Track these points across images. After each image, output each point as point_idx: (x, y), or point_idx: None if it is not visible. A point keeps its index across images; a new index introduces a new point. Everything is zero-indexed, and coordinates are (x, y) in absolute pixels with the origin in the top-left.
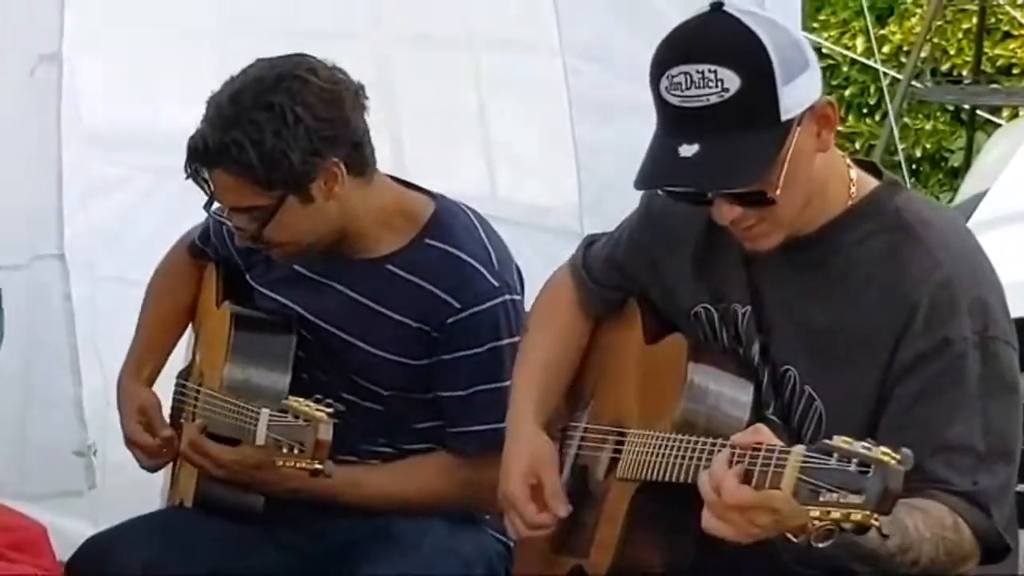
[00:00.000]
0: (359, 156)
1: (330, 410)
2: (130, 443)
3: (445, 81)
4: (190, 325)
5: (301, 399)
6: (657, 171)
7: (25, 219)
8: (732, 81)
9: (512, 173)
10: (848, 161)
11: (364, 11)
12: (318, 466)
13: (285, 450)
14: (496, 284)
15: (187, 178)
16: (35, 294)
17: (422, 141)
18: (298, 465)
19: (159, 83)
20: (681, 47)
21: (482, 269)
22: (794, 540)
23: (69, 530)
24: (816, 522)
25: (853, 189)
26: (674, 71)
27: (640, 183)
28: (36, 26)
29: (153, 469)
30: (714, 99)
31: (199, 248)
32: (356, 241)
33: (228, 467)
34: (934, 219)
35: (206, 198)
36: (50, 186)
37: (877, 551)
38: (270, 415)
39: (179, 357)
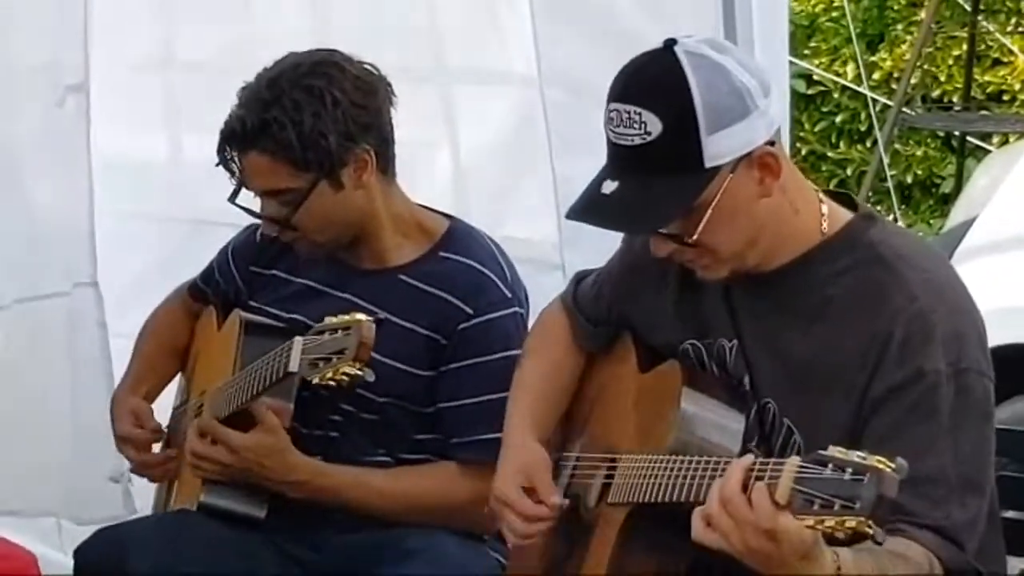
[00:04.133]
0: (387, 150)
1: (369, 317)
2: (121, 441)
3: (417, 113)
4: (179, 374)
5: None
6: (580, 204)
7: (62, 248)
8: (655, 125)
9: (489, 205)
10: (821, 195)
11: (341, 45)
12: (358, 371)
13: (322, 364)
14: (509, 295)
15: (217, 165)
16: (75, 322)
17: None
18: (339, 373)
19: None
20: (620, 84)
21: (496, 280)
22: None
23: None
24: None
25: (825, 224)
26: (612, 107)
27: (567, 213)
28: (62, 57)
29: (143, 470)
30: (637, 140)
31: (200, 289)
32: (371, 246)
33: (239, 452)
34: (910, 252)
35: (226, 201)
36: (83, 215)
37: None
38: (304, 340)
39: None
